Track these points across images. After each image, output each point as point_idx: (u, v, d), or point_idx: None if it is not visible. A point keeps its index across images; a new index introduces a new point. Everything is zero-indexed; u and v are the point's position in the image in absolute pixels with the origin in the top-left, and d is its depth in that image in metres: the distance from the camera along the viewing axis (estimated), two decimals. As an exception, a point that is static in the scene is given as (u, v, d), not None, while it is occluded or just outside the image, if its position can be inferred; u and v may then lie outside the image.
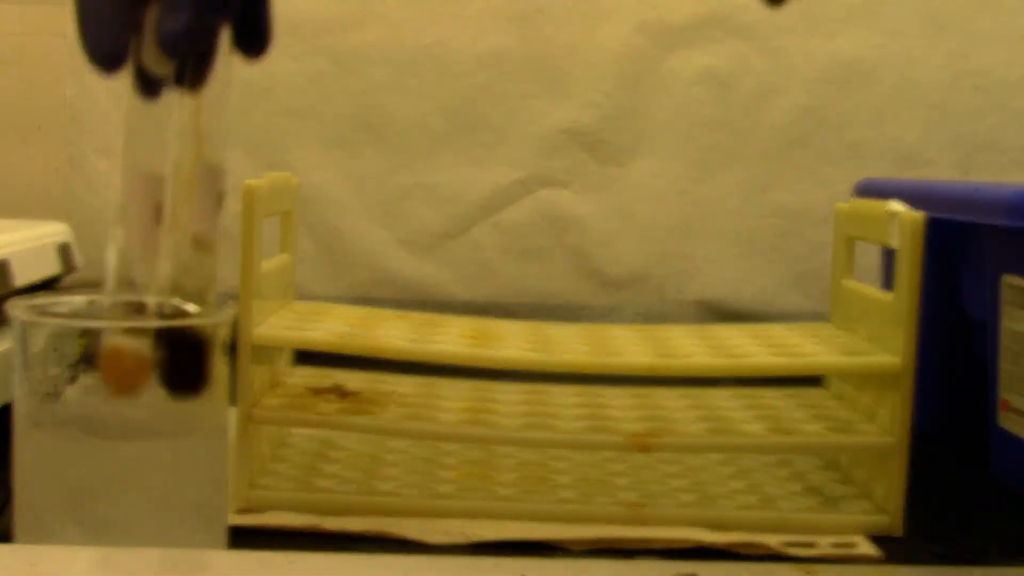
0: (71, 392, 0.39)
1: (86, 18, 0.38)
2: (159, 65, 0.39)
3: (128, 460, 0.39)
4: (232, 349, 0.44)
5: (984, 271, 0.60)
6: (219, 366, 0.41)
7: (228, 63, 0.40)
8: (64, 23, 0.89)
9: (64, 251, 0.71)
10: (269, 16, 0.41)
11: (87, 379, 0.39)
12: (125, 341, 0.38)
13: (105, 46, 0.38)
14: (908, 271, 0.50)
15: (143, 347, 0.38)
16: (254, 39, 0.41)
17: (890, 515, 0.51)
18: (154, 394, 0.39)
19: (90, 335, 0.39)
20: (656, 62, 0.88)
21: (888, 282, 0.64)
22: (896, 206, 0.51)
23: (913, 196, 0.58)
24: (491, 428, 0.53)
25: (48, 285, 0.70)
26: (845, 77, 0.88)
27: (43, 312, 0.40)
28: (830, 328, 0.61)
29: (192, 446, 0.40)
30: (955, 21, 0.88)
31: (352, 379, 0.58)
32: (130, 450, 0.39)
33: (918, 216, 0.50)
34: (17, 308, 0.39)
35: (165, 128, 0.40)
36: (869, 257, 0.67)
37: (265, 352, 0.52)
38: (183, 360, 0.39)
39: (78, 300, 0.42)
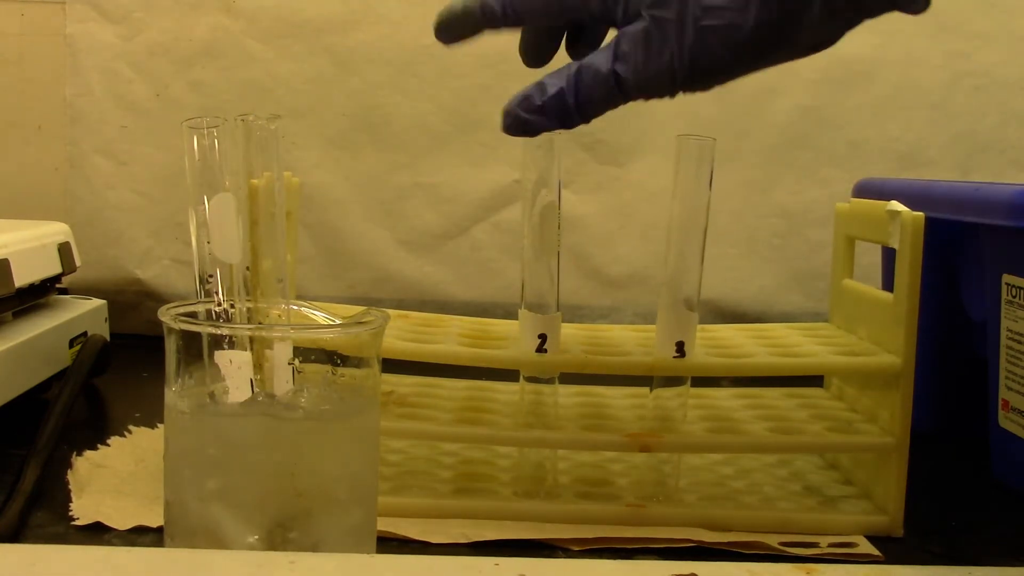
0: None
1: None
2: None
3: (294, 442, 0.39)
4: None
5: (984, 271, 0.60)
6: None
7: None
8: (64, 23, 0.90)
9: (64, 251, 0.71)
10: None
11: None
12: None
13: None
14: (908, 271, 0.50)
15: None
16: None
17: (890, 515, 0.51)
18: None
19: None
20: (656, 62, 0.88)
21: (888, 282, 0.64)
22: (896, 206, 0.51)
23: (913, 196, 0.58)
24: (491, 428, 0.53)
25: (48, 285, 0.70)
26: (845, 77, 0.88)
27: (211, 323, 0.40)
28: (830, 328, 0.61)
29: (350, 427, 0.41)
30: (955, 21, 0.88)
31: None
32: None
33: (918, 216, 0.50)
34: (175, 318, 0.38)
35: None
36: (869, 257, 0.67)
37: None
38: None
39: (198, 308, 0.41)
